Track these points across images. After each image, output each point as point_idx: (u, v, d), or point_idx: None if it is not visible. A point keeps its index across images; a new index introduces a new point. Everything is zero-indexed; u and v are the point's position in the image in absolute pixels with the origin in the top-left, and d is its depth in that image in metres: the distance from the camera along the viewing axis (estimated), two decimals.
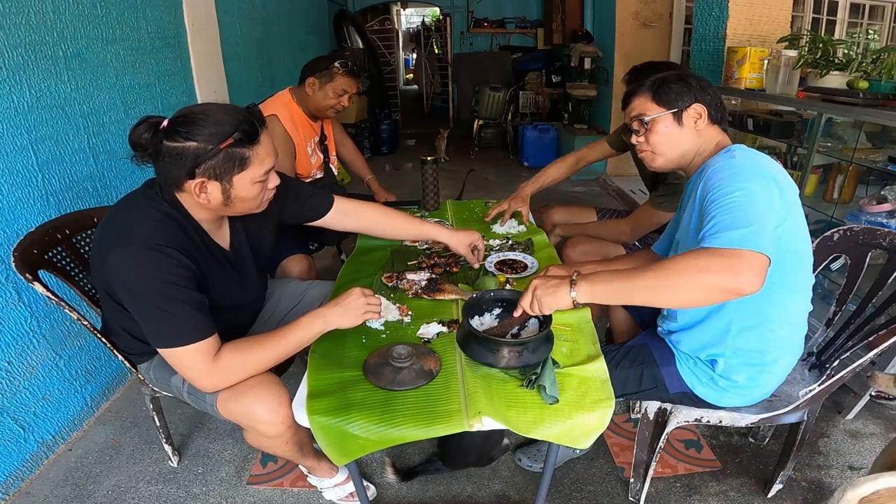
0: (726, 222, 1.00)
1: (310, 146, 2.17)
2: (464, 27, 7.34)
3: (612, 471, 1.66)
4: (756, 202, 1.03)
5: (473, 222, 2.06)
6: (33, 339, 1.69)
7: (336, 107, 2.09)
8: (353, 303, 1.21)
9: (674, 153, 1.28)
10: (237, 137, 1.08)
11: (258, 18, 3.64)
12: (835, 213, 2.14)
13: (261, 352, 1.15)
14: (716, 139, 1.27)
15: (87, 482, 1.65)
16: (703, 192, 1.11)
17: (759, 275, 0.94)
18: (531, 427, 1.06)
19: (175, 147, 1.07)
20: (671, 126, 1.26)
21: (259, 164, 1.14)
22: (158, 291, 1.06)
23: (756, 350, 1.22)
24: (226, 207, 1.17)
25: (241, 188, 1.14)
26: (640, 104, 1.29)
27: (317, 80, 2.05)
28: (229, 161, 1.09)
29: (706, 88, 1.27)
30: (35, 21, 1.67)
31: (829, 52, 2.22)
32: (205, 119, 1.08)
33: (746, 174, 1.08)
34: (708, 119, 1.25)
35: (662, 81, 1.26)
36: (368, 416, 1.07)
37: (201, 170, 1.08)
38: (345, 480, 1.54)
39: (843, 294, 1.50)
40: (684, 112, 1.25)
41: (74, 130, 1.86)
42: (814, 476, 1.62)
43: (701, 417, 1.33)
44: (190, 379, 1.13)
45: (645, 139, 1.29)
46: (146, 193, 1.17)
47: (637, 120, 1.30)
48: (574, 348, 1.26)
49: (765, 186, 1.07)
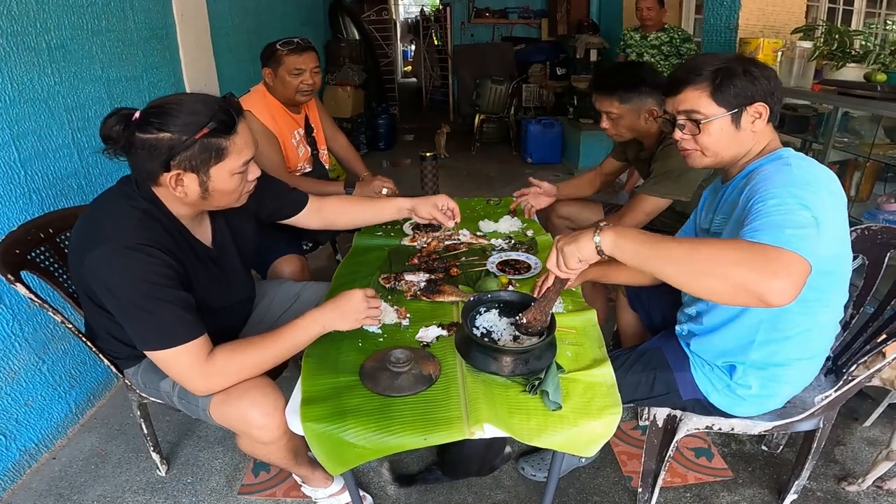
0: (777, 220, 0.94)
1: (294, 138, 2.16)
2: (464, 17, 7.35)
3: (620, 480, 1.66)
4: (808, 213, 0.96)
5: (474, 221, 2.06)
6: (15, 342, 1.69)
7: (301, 87, 2.06)
8: (355, 306, 1.21)
9: (727, 155, 1.20)
10: (213, 127, 1.08)
11: (250, 9, 3.64)
12: (852, 212, 2.14)
13: (256, 353, 1.15)
14: (766, 140, 1.19)
15: (71, 492, 1.65)
16: (750, 195, 1.04)
17: (795, 285, 0.85)
18: (534, 435, 1.06)
19: (148, 139, 1.07)
20: (727, 127, 1.16)
21: (237, 155, 1.14)
22: (141, 293, 1.06)
23: (778, 363, 1.22)
24: (204, 201, 1.17)
25: (219, 180, 1.14)
26: (695, 98, 1.16)
27: (270, 70, 2.05)
28: (206, 152, 1.10)
29: (771, 80, 1.15)
30: (17, 11, 1.67)
31: (845, 43, 2.22)
32: (179, 109, 1.08)
33: (803, 184, 1.01)
34: (767, 120, 1.16)
35: (727, 74, 1.13)
36: (365, 423, 1.07)
37: (176, 161, 1.08)
38: (340, 490, 1.54)
39: (860, 296, 1.49)
40: (744, 112, 1.15)
41: (58, 125, 1.86)
42: (830, 486, 1.62)
43: (712, 425, 1.33)
44: (182, 382, 1.13)
45: (692, 137, 1.19)
46: (122, 191, 1.17)
47: (687, 115, 1.18)
48: (579, 352, 1.26)
49: (819, 200, 1.00)
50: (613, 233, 1.01)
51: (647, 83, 1.79)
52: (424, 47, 8.58)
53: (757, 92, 1.13)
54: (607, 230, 1.02)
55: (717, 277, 0.88)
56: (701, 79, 1.15)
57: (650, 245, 0.97)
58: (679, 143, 1.23)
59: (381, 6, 7.34)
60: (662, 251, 0.95)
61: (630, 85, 1.79)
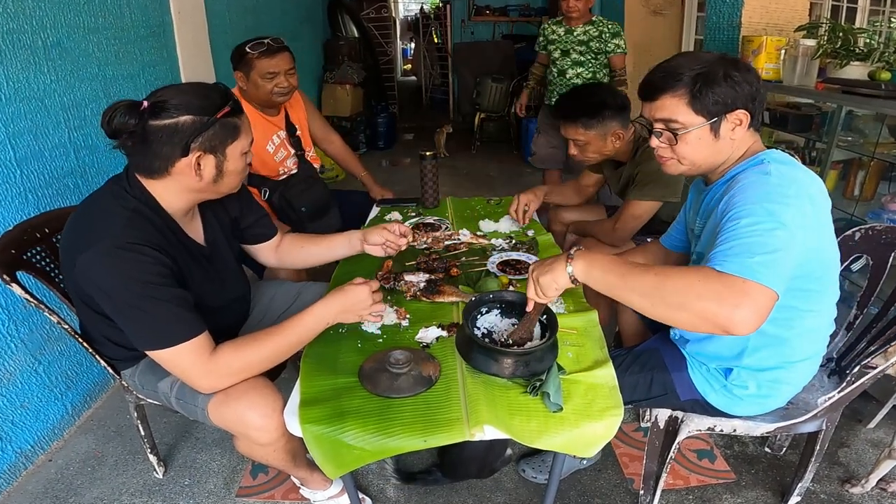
0: (743, 247, 0.94)
1: (271, 144, 2.07)
2: (465, 15, 7.34)
3: (621, 482, 1.66)
4: (782, 231, 0.96)
5: (474, 220, 2.06)
6: (11, 343, 1.69)
7: (275, 91, 1.97)
8: (361, 301, 1.22)
9: (704, 163, 1.17)
10: (232, 106, 1.14)
11: (248, 6, 3.64)
12: (856, 211, 2.14)
13: (261, 349, 1.15)
14: (747, 144, 1.16)
15: (67, 494, 1.65)
16: (726, 208, 1.03)
17: (759, 314, 0.89)
18: (535, 436, 1.06)
19: (167, 124, 1.08)
20: (706, 137, 1.12)
21: (246, 134, 1.20)
22: (136, 293, 1.06)
23: (774, 367, 1.22)
24: (214, 185, 1.19)
25: (232, 159, 1.18)
26: (672, 106, 1.12)
27: (241, 73, 1.96)
28: (224, 131, 1.14)
29: (753, 84, 1.10)
30: (13, 8, 1.67)
31: (849, 41, 2.22)
32: (191, 93, 1.12)
33: (780, 198, 0.99)
34: (748, 126, 1.12)
35: (707, 81, 1.08)
36: (364, 424, 1.07)
37: (197, 143, 1.11)
38: (339, 493, 1.54)
39: (864, 296, 1.50)
40: (724, 120, 1.11)
41: (54, 124, 1.86)
42: (834, 488, 1.62)
43: (714, 426, 1.33)
44: (186, 380, 1.13)
45: (668, 146, 1.17)
46: (111, 190, 1.17)
47: (664, 124, 1.15)
48: (581, 353, 1.26)
49: (798, 212, 0.99)
50: (584, 262, 1.05)
51: (609, 106, 1.81)
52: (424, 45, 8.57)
53: (738, 98, 1.09)
54: (578, 258, 1.06)
55: (682, 309, 0.93)
56: (679, 85, 1.10)
57: (617, 274, 1.01)
58: (655, 150, 1.21)
59: (380, 4, 7.34)
60: (630, 281, 0.99)
61: (592, 111, 1.80)
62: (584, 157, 1.90)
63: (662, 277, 0.96)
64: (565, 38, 3.18)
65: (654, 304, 0.96)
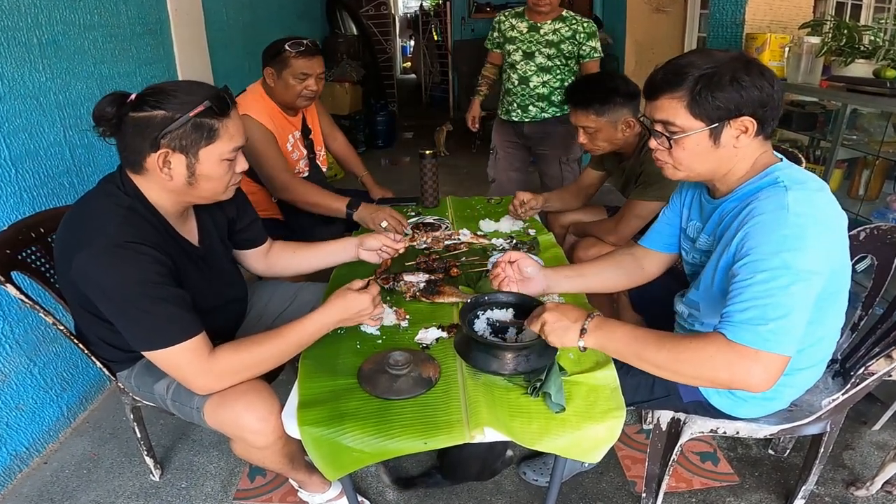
0: (757, 310, 0.95)
1: (289, 142, 2.11)
2: (465, 12, 7.33)
3: (623, 485, 1.66)
4: (798, 286, 0.95)
5: (474, 220, 2.06)
6: (6, 344, 1.69)
7: (304, 93, 1.99)
8: (363, 309, 1.21)
9: (702, 171, 1.13)
10: (207, 105, 1.10)
11: (246, 3, 3.64)
12: (860, 211, 2.14)
13: (259, 351, 1.15)
14: (755, 155, 1.10)
15: (63, 497, 1.65)
16: (742, 246, 1.02)
17: (773, 377, 0.95)
18: (536, 438, 1.06)
19: (141, 117, 1.08)
20: (704, 143, 1.07)
21: (228, 140, 1.15)
22: (134, 292, 1.05)
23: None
24: (190, 188, 1.16)
25: (207, 164, 1.14)
26: (670, 108, 1.07)
27: (273, 70, 1.97)
28: (197, 131, 1.10)
29: (765, 90, 1.02)
30: (8, 6, 1.67)
31: (854, 38, 2.22)
32: (177, 90, 1.10)
33: (797, 242, 0.96)
34: (755, 134, 1.06)
35: (709, 83, 1.02)
36: (363, 426, 1.07)
37: (166, 140, 1.08)
38: (338, 496, 1.54)
39: (869, 297, 1.49)
40: (726, 127, 1.05)
41: (50, 122, 1.86)
42: (838, 491, 1.62)
43: (717, 428, 1.33)
44: (182, 380, 1.13)
45: (666, 150, 1.13)
46: (105, 189, 1.17)
47: (662, 125, 1.10)
48: (581, 354, 1.26)
49: (816, 253, 0.97)
50: (598, 335, 1.08)
51: (621, 93, 1.80)
52: (424, 43, 8.57)
53: (744, 103, 1.02)
54: (592, 332, 1.08)
55: (698, 380, 1.05)
56: (680, 86, 1.04)
57: (633, 349, 1.05)
58: (653, 152, 1.17)
59: (379, 1, 7.34)
60: (646, 355, 1.03)
61: (604, 97, 1.80)
62: (594, 146, 1.89)
63: (677, 350, 1.00)
64: (529, 37, 2.61)
65: (670, 376, 1.04)
